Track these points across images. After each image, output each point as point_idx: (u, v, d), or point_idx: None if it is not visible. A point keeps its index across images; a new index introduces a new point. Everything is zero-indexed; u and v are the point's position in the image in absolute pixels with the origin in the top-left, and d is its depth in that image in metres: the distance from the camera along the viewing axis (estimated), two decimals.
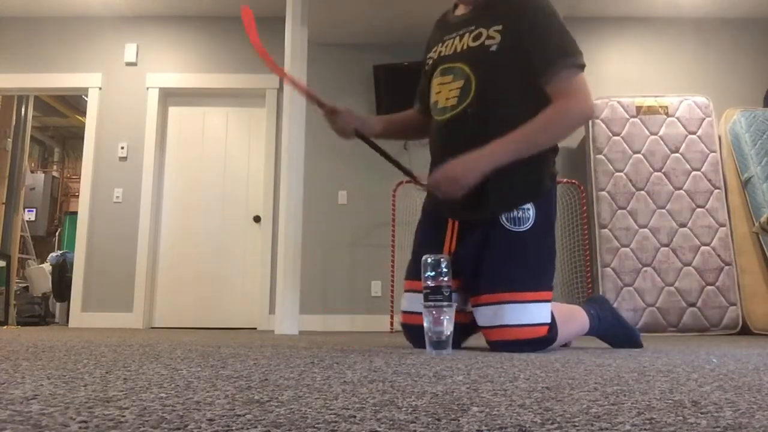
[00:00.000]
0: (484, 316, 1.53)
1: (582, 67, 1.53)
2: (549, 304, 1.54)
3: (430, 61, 1.73)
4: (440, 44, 1.70)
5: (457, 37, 1.64)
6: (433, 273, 1.35)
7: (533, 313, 1.49)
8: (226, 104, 4.84)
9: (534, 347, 1.49)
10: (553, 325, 1.51)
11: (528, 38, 1.52)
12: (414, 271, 1.71)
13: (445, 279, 1.35)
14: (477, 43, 1.58)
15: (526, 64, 1.54)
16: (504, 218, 1.56)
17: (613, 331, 1.79)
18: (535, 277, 1.54)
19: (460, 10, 1.71)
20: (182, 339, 2.13)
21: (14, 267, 5.57)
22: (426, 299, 1.35)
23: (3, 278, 5.24)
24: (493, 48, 1.55)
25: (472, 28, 1.61)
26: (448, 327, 1.33)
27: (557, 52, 1.52)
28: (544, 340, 1.50)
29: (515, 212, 1.55)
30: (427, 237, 1.73)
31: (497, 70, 1.56)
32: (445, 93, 1.63)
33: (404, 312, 1.71)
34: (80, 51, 4.84)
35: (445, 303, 1.33)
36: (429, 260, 1.37)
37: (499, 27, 1.55)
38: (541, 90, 1.53)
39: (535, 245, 1.56)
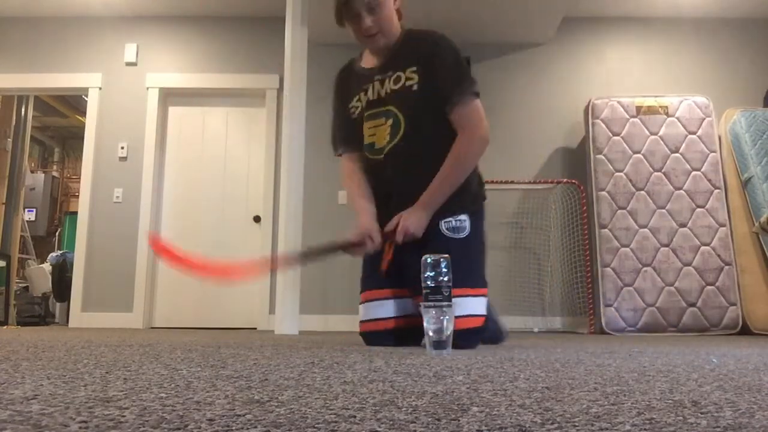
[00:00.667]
0: None
1: (477, 94, 1.73)
2: (486, 299, 1.74)
3: (357, 110, 1.86)
4: (362, 93, 1.84)
5: (378, 83, 1.80)
6: (433, 273, 1.36)
7: (472, 305, 1.67)
8: (226, 104, 4.83)
9: (474, 338, 1.67)
10: (488, 317, 1.71)
11: (438, 74, 1.73)
12: (368, 282, 1.84)
13: (445, 279, 1.35)
14: (399, 86, 1.76)
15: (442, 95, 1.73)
16: (444, 227, 1.73)
17: (497, 335, 1.95)
18: (473, 275, 1.72)
19: (369, 63, 1.87)
20: (182, 339, 2.13)
21: (14, 267, 5.57)
22: (426, 299, 1.36)
23: (3, 278, 5.24)
24: (415, 87, 1.74)
25: (390, 73, 1.79)
26: (448, 327, 1.33)
27: (456, 84, 1.72)
28: (481, 329, 1.68)
29: (453, 222, 1.74)
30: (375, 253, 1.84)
31: (421, 105, 1.74)
32: (379, 134, 1.80)
33: (363, 321, 1.82)
34: (80, 51, 4.84)
35: (445, 303, 1.34)
36: (429, 260, 1.37)
37: (414, 68, 1.75)
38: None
39: (470, 250, 1.75)
